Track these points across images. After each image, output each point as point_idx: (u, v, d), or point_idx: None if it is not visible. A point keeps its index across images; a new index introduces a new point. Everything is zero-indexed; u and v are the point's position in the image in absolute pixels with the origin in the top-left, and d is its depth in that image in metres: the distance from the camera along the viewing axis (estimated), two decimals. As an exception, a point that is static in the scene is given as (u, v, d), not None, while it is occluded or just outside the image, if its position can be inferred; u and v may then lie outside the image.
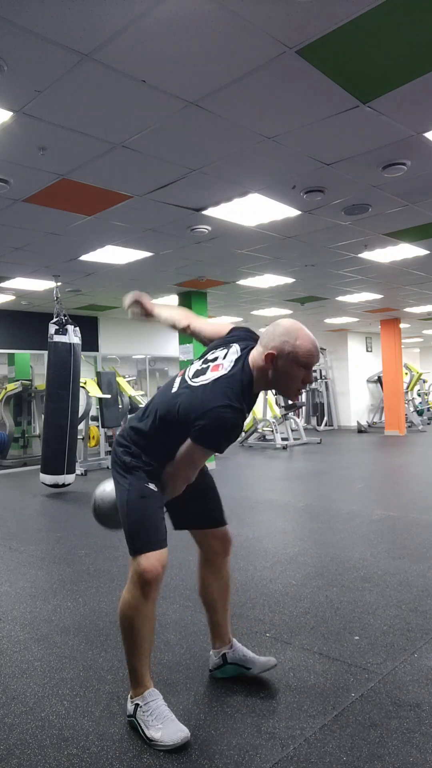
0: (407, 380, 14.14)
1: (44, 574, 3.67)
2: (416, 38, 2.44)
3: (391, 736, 1.87)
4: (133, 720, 1.94)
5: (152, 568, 1.88)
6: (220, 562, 2.21)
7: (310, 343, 1.87)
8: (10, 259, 6.13)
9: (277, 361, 1.85)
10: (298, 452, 9.96)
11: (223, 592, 2.23)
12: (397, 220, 5.11)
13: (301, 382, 1.90)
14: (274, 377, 1.88)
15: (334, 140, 3.42)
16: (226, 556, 2.22)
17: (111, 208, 4.52)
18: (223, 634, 2.25)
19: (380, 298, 9.45)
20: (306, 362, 1.86)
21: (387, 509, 5.18)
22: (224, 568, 2.22)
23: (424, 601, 3.00)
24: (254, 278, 7.49)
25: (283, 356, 1.85)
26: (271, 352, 1.85)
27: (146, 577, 1.88)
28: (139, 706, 1.92)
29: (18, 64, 2.54)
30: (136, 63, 2.55)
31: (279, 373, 1.87)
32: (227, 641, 2.25)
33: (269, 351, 1.86)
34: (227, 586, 2.24)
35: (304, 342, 1.86)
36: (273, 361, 1.86)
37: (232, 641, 2.26)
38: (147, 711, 1.90)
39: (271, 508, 5.46)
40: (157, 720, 1.88)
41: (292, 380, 1.89)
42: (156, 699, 1.93)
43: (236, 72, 2.65)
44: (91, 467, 8.58)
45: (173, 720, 1.89)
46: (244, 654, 2.23)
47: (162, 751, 1.82)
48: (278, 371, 1.87)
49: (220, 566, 2.21)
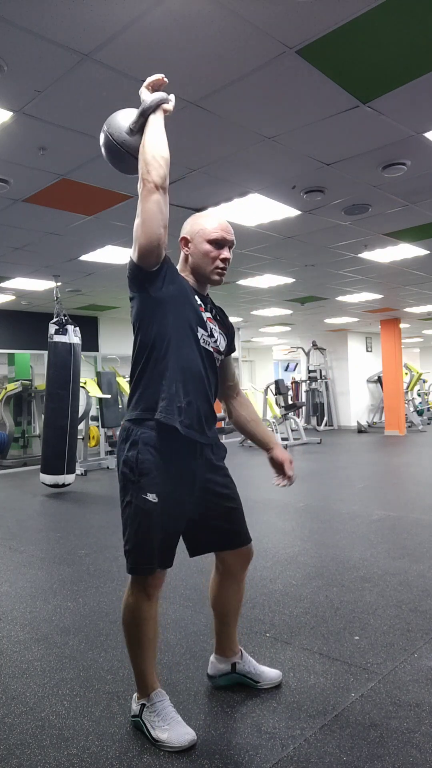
0: (407, 380, 14.14)
1: (44, 574, 3.67)
2: (416, 38, 2.44)
3: (391, 736, 1.87)
4: (138, 720, 1.93)
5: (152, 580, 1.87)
6: (238, 576, 2.12)
7: (216, 220, 1.95)
8: (10, 259, 6.13)
9: (188, 244, 1.96)
10: (298, 452, 9.96)
11: (236, 604, 2.16)
12: (397, 220, 5.11)
13: (218, 260, 1.94)
14: (192, 262, 1.96)
15: (334, 140, 3.42)
16: (244, 570, 2.14)
17: (111, 208, 4.53)
18: (233, 644, 2.19)
19: (380, 298, 9.45)
20: (215, 237, 1.92)
21: (387, 509, 5.18)
22: (241, 582, 2.15)
23: (424, 601, 3.00)
24: (254, 278, 7.49)
25: (193, 236, 1.95)
26: (184, 236, 1.98)
27: (146, 588, 1.87)
28: (146, 707, 1.91)
29: (18, 64, 2.54)
30: (136, 63, 2.55)
31: (195, 256, 1.95)
32: (237, 651, 2.19)
33: (182, 236, 1.98)
34: (241, 599, 2.18)
35: (210, 219, 1.95)
36: (187, 245, 1.97)
37: (241, 651, 2.20)
38: (154, 712, 1.89)
39: (271, 508, 5.46)
40: (164, 721, 1.87)
41: (208, 258, 1.94)
42: (163, 700, 1.92)
43: (236, 72, 2.65)
44: (91, 467, 8.58)
45: (180, 722, 1.88)
46: (254, 667, 2.18)
47: (165, 751, 1.82)
48: (193, 254, 1.95)
49: (238, 580, 2.13)
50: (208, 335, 1.96)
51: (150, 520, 1.83)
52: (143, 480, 1.83)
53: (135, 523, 1.85)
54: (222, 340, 2.04)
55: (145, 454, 1.84)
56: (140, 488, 1.83)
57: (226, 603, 2.14)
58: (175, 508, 1.88)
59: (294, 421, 11.54)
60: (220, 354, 2.04)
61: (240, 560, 2.11)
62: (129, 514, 1.87)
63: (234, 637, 2.20)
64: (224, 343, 2.06)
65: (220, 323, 2.06)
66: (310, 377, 14.35)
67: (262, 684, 2.17)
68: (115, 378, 9.38)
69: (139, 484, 1.83)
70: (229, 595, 2.13)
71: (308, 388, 14.27)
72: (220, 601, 2.14)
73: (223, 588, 2.13)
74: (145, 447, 1.84)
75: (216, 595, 2.15)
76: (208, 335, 1.96)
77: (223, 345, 2.04)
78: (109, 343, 10.93)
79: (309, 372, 14.49)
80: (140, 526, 1.84)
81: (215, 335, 2.00)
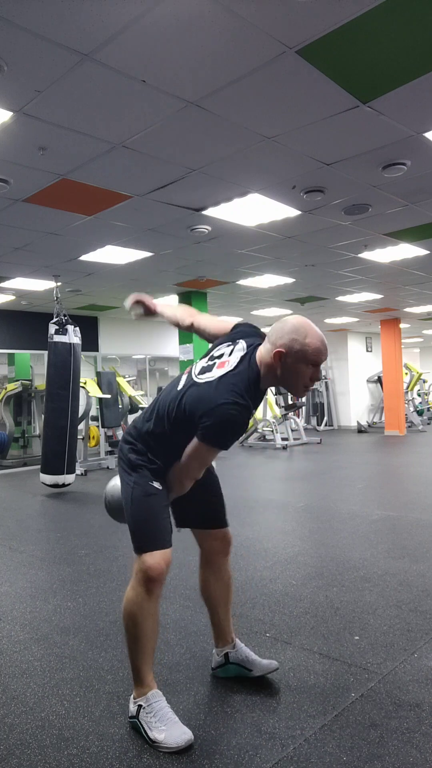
0: (407, 380, 14.14)
1: (44, 574, 3.67)
2: (416, 38, 2.44)
3: (391, 736, 1.87)
4: (135, 721, 1.93)
5: (156, 565, 1.89)
6: (220, 562, 2.22)
7: (319, 341, 1.86)
8: (10, 259, 6.13)
9: (285, 358, 1.85)
10: (298, 452, 9.96)
11: (224, 592, 2.23)
12: (397, 220, 5.11)
13: (309, 380, 1.89)
14: (282, 375, 1.88)
15: (334, 140, 3.42)
16: (226, 557, 2.23)
17: (111, 208, 4.52)
18: (226, 634, 2.26)
19: (380, 298, 9.45)
20: (315, 360, 1.86)
21: (387, 509, 5.18)
22: (224, 569, 2.23)
23: (424, 601, 3.00)
24: (254, 278, 7.49)
25: (292, 354, 1.85)
26: (280, 349, 1.85)
27: (150, 575, 1.89)
28: (142, 708, 1.92)
29: (18, 64, 2.54)
30: (136, 63, 2.55)
31: (287, 371, 1.87)
32: (230, 640, 2.26)
33: (278, 348, 1.85)
34: (228, 587, 2.25)
35: (314, 340, 1.86)
36: (282, 359, 1.85)
37: (234, 641, 2.26)
38: (150, 712, 1.90)
39: (271, 508, 5.45)
40: (161, 722, 1.87)
41: (301, 378, 1.89)
42: (159, 700, 1.93)
43: (236, 72, 2.65)
44: (91, 467, 8.59)
45: (176, 722, 1.89)
46: (246, 655, 2.23)
47: (163, 752, 1.82)
48: (286, 369, 1.87)
49: (220, 566, 2.22)
50: None
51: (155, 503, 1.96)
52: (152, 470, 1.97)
53: (143, 504, 1.95)
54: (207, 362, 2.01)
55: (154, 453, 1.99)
56: (146, 475, 1.96)
57: (211, 591, 2.23)
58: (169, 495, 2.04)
59: (294, 421, 11.54)
60: None
61: (218, 545, 2.20)
62: (135, 496, 1.96)
63: (226, 627, 2.26)
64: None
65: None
66: (310, 377, 14.32)
67: (255, 672, 2.20)
68: (115, 378, 9.38)
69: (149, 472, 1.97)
70: (213, 583, 2.22)
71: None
72: (207, 590, 2.24)
73: (208, 576, 2.23)
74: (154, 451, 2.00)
75: (203, 586, 2.25)
76: None
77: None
78: (109, 343, 10.93)
79: (309, 372, 14.46)
80: (149, 506, 1.95)
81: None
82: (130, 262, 6.34)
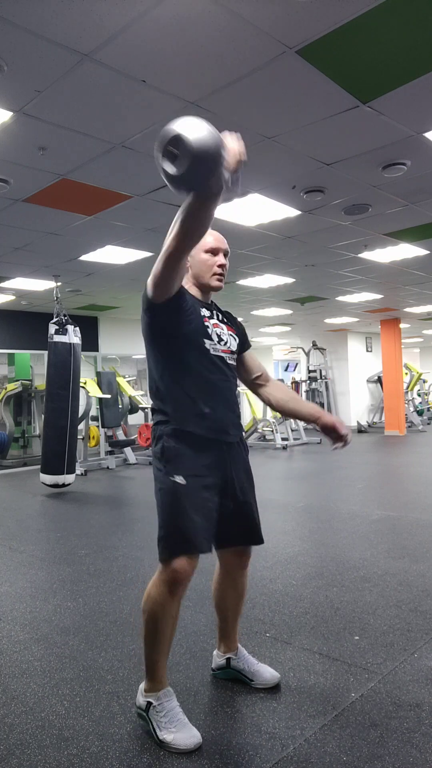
0: (407, 380, 14.14)
1: (44, 574, 3.67)
2: (416, 38, 2.44)
3: (391, 736, 1.87)
4: (143, 714, 1.93)
5: (182, 569, 1.87)
6: (237, 574, 2.19)
7: (209, 233, 2.04)
8: (10, 259, 6.13)
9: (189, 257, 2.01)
10: (298, 452, 9.96)
11: (236, 603, 2.23)
12: (397, 220, 5.11)
13: (217, 267, 2.06)
14: (193, 272, 2.08)
15: (334, 140, 3.42)
16: (244, 569, 2.20)
17: (111, 208, 4.52)
18: (231, 642, 2.26)
19: (380, 298, 9.45)
20: (211, 247, 2.06)
21: (387, 509, 5.18)
22: (241, 581, 2.21)
23: (424, 601, 3.00)
24: (254, 278, 7.49)
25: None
26: None
27: (176, 576, 1.87)
28: (153, 705, 1.91)
29: (18, 64, 2.54)
30: (136, 63, 2.55)
31: (195, 267, 2.07)
32: (234, 648, 2.26)
33: None
34: (242, 597, 2.23)
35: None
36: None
37: (238, 648, 2.26)
38: (161, 712, 1.90)
39: (271, 508, 5.45)
40: (171, 723, 1.87)
41: (206, 266, 2.06)
42: (171, 700, 1.93)
43: (236, 72, 2.65)
44: (91, 467, 8.58)
45: (186, 724, 1.88)
46: (247, 665, 2.22)
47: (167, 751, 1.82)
48: (193, 265, 2.07)
49: (237, 579, 2.20)
50: (217, 341, 2.05)
51: (180, 501, 1.90)
52: (169, 466, 1.94)
53: (167, 506, 1.93)
54: (232, 341, 2.13)
55: (169, 442, 1.96)
56: (167, 473, 1.94)
57: (225, 601, 2.22)
58: (204, 490, 1.94)
59: (294, 420, 11.54)
60: (234, 353, 2.14)
61: (238, 560, 2.17)
62: (160, 500, 1.95)
63: (232, 635, 2.26)
64: (235, 343, 2.15)
65: (228, 325, 2.16)
66: (310, 377, 14.36)
67: (256, 683, 2.20)
68: (115, 378, 9.38)
69: (166, 469, 1.95)
70: (227, 593, 2.21)
71: (308, 388, 14.27)
72: (219, 598, 2.23)
73: (222, 586, 2.21)
74: (168, 438, 1.97)
75: (219, 596, 2.23)
76: (217, 341, 2.05)
77: (234, 345, 2.14)
78: (109, 343, 10.93)
79: (309, 372, 14.49)
80: (172, 507, 1.91)
81: (224, 338, 2.09)
82: (130, 262, 6.34)
